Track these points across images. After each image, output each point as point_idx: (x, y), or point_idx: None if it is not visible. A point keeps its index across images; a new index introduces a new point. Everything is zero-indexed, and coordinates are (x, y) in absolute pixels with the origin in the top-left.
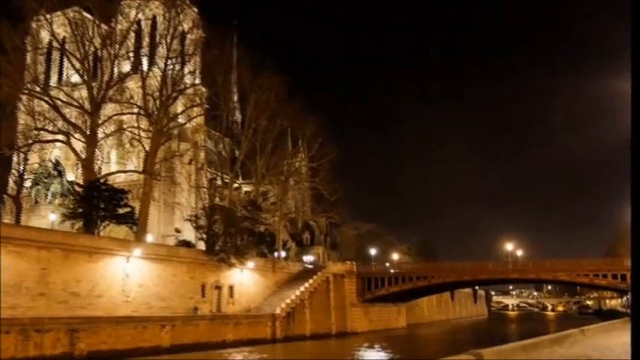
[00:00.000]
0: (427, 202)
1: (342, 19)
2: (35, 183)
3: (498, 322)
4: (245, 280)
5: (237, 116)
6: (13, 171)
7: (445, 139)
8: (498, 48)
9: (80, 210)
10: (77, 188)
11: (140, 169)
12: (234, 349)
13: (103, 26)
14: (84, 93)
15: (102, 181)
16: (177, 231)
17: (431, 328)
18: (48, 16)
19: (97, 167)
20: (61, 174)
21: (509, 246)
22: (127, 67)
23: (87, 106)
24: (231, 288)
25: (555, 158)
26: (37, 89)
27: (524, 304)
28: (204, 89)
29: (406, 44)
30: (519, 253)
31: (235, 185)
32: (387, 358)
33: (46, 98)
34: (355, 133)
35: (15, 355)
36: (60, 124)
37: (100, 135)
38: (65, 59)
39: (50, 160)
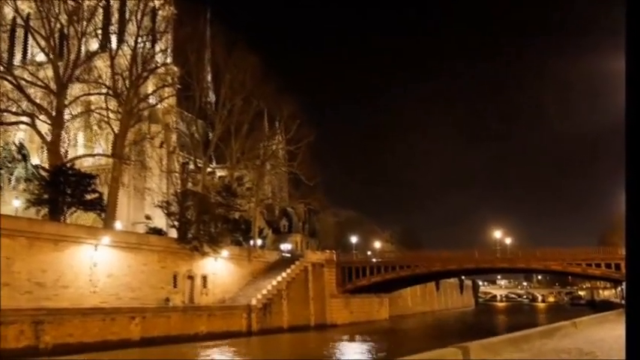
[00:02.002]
0: (411, 187)
1: None
2: None
3: (486, 314)
4: (219, 269)
5: (211, 97)
6: None
7: (430, 121)
8: (486, 25)
9: (46, 196)
10: (42, 173)
11: (109, 153)
12: (207, 343)
13: (70, 2)
14: (49, 72)
15: (68, 165)
16: (148, 218)
17: (415, 319)
18: None
19: (63, 151)
20: (25, 158)
21: (497, 233)
22: (94, 45)
23: (53, 86)
24: (204, 278)
25: (546, 141)
26: (0, 68)
27: (513, 295)
28: (176, 68)
29: (388, 21)
30: (508, 241)
31: (209, 170)
32: (367, 352)
33: (9, 78)
34: (335, 115)
35: None
36: (24, 105)
37: (67, 116)
38: (30, 37)
39: (14, 143)
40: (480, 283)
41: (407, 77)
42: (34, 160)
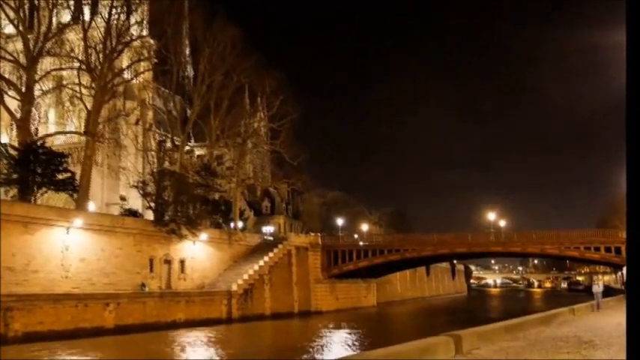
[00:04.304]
0: (401, 167)
1: None
2: None
3: (479, 300)
4: (198, 253)
5: (189, 71)
6: None
7: (421, 98)
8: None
9: (15, 175)
10: (11, 151)
11: (81, 130)
12: (184, 331)
13: None
14: (19, 45)
15: (39, 143)
16: (123, 199)
17: (404, 306)
18: None
19: (33, 128)
20: None
21: (491, 216)
22: (66, 16)
23: (22, 60)
24: (182, 262)
25: (543, 119)
26: None
27: (507, 280)
28: (152, 41)
29: None
30: (502, 223)
31: (187, 148)
32: (354, 341)
33: None
34: (321, 90)
35: None
36: None
37: (37, 92)
38: None
39: None
40: (473, 268)
41: (397, 53)
42: (3, 138)
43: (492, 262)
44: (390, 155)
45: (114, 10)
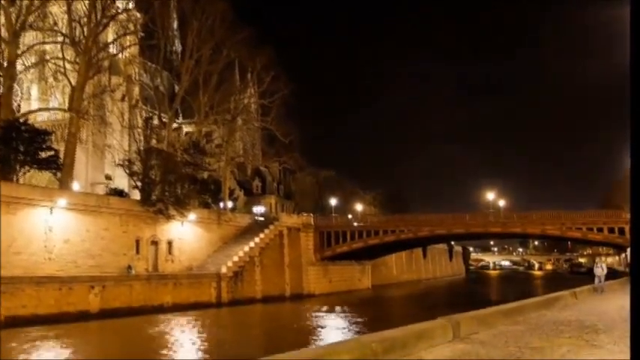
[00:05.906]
0: (396, 144)
1: None
2: None
3: (477, 283)
4: (186, 234)
5: (177, 46)
6: None
7: (416, 70)
8: None
9: None
10: None
11: (65, 107)
12: (172, 315)
13: None
14: (0, 19)
15: (21, 120)
16: (108, 178)
17: (400, 289)
18: None
19: (15, 104)
20: None
21: (490, 195)
22: None
23: (4, 34)
24: (169, 243)
25: (545, 94)
26: None
27: (507, 262)
28: (138, 15)
29: None
30: (502, 203)
31: (175, 125)
32: (348, 325)
33: None
34: (312, 66)
35: None
36: None
37: (19, 67)
38: None
39: None
40: (471, 249)
41: (392, 29)
42: None
43: (491, 243)
44: (387, 133)
45: None
